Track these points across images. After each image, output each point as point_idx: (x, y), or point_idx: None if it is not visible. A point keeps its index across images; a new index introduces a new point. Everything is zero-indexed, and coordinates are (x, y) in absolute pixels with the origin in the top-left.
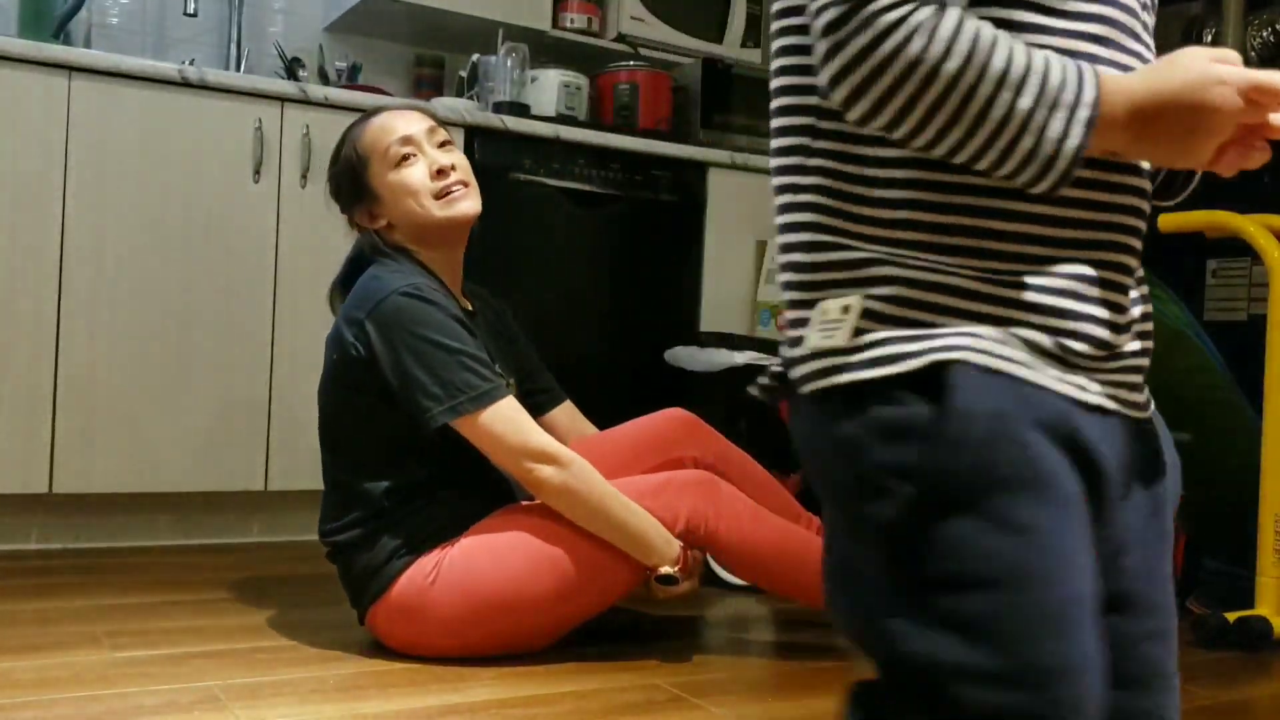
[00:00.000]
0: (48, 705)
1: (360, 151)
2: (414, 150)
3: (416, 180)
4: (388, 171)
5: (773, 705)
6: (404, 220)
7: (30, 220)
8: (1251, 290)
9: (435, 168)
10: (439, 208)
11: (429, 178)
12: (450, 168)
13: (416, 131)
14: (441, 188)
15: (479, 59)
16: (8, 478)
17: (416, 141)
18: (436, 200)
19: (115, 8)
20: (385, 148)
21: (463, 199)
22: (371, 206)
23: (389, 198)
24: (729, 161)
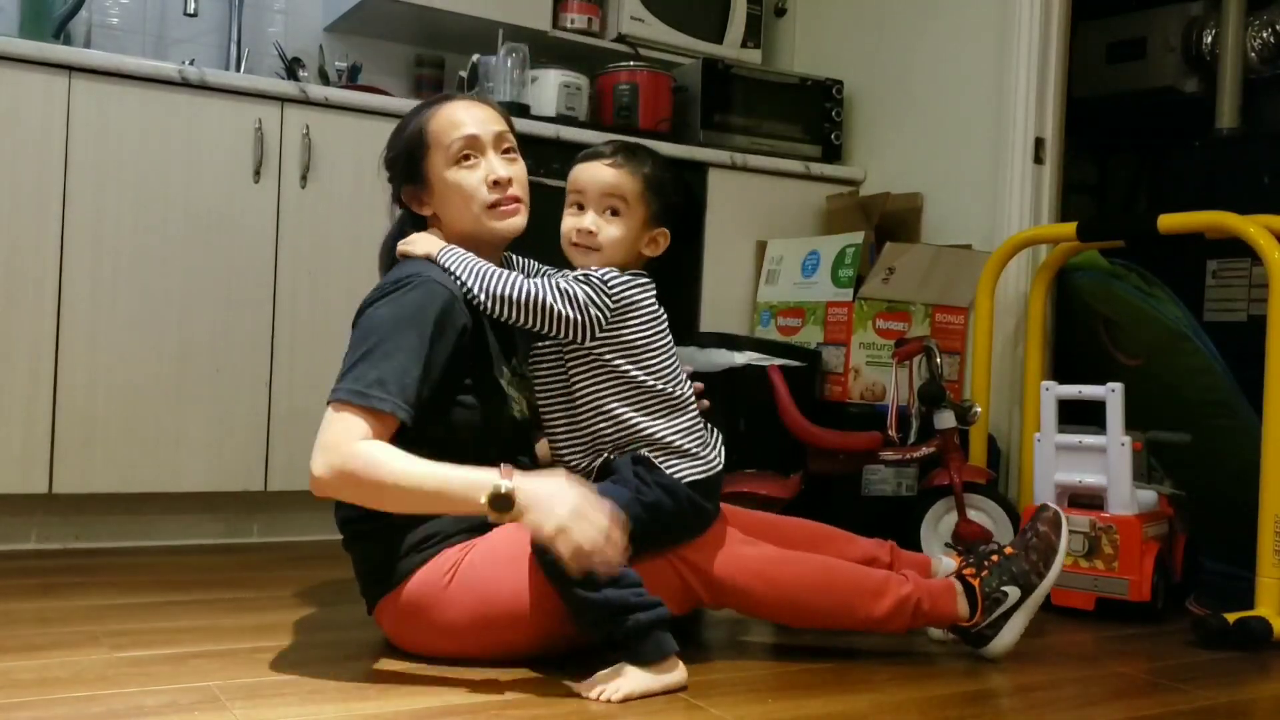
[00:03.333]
0: (47, 705)
1: (425, 135)
2: (476, 152)
3: (471, 185)
4: (446, 166)
5: (773, 706)
6: (449, 218)
7: (30, 220)
8: (1251, 291)
9: (493, 177)
10: (487, 218)
11: (485, 185)
12: (508, 180)
13: (485, 133)
14: (495, 199)
15: (479, 59)
16: (8, 478)
17: (482, 143)
18: (487, 210)
19: (115, 8)
20: (449, 141)
21: (513, 215)
22: (421, 193)
23: (440, 191)
24: (729, 162)
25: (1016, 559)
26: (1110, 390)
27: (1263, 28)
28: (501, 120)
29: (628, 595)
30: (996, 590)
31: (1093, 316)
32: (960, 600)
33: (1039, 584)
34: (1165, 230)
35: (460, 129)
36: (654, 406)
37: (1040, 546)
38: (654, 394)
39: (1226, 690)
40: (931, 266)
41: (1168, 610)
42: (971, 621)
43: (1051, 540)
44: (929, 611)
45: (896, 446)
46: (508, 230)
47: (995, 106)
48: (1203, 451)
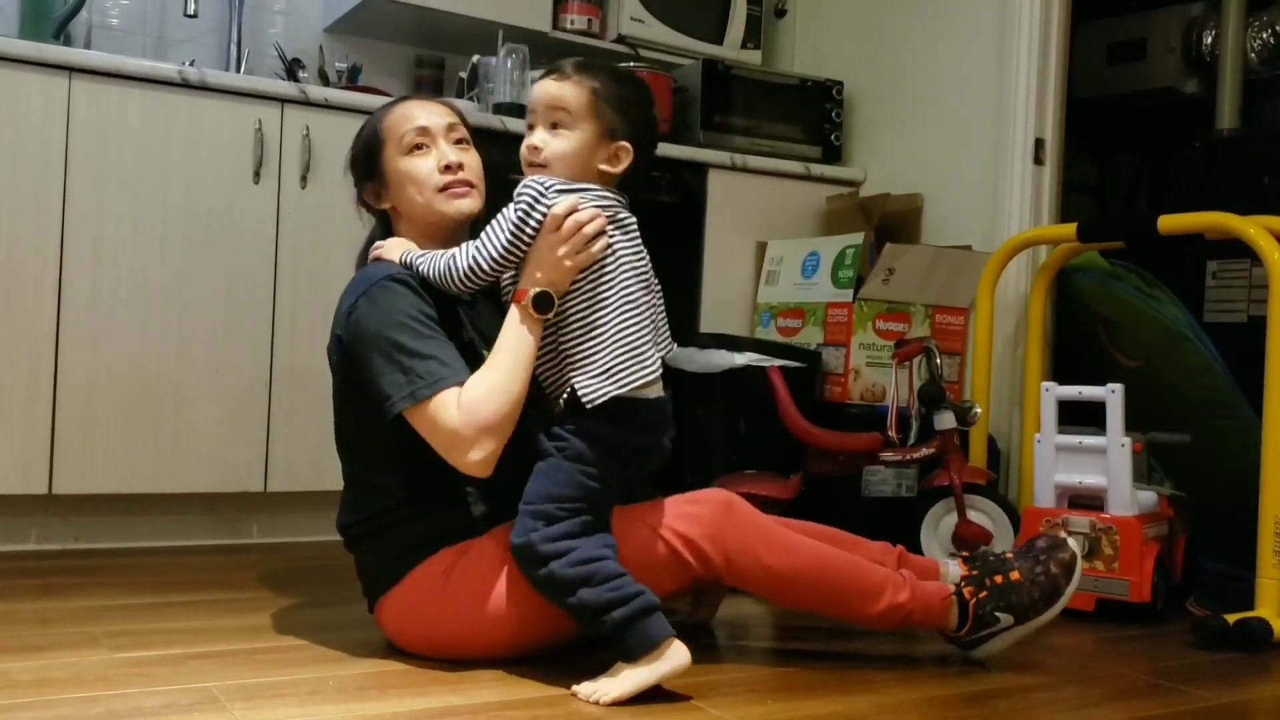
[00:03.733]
0: (47, 706)
1: (380, 132)
2: (428, 141)
3: (423, 171)
4: (399, 156)
5: (772, 707)
6: (405, 207)
7: (30, 221)
8: (1251, 292)
9: (443, 163)
10: (439, 201)
11: (436, 171)
12: (458, 165)
13: (435, 124)
14: (445, 182)
15: (479, 60)
16: (7, 478)
17: (432, 134)
18: (438, 193)
19: (116, 8)
20: (402, 133)
21: (463, 197)
22: (379, 187)
23: (395, 182)
24: (729, 163)
25: (1019, 589)
26: (1110, 391)
27: (1263, 28)
28: (453, 114)
29: (601, 594)
30: (990, 615)
31: (1093, 317)
32: (952, 613)
33: (1034, 620)
34: (1165, 231)
35: (411, 121)
36: (574, 327)
37: (1046, 585)
38: (576, 313)
39: (1227, 691)
40: (931, 267)
41: (1168, 611)
42: (958, 634)
43: (1059, 584)
44: (919, 622)
45: (896, 447)
46: (458, 212)
47: (995, 107)
48: (1203, 452)
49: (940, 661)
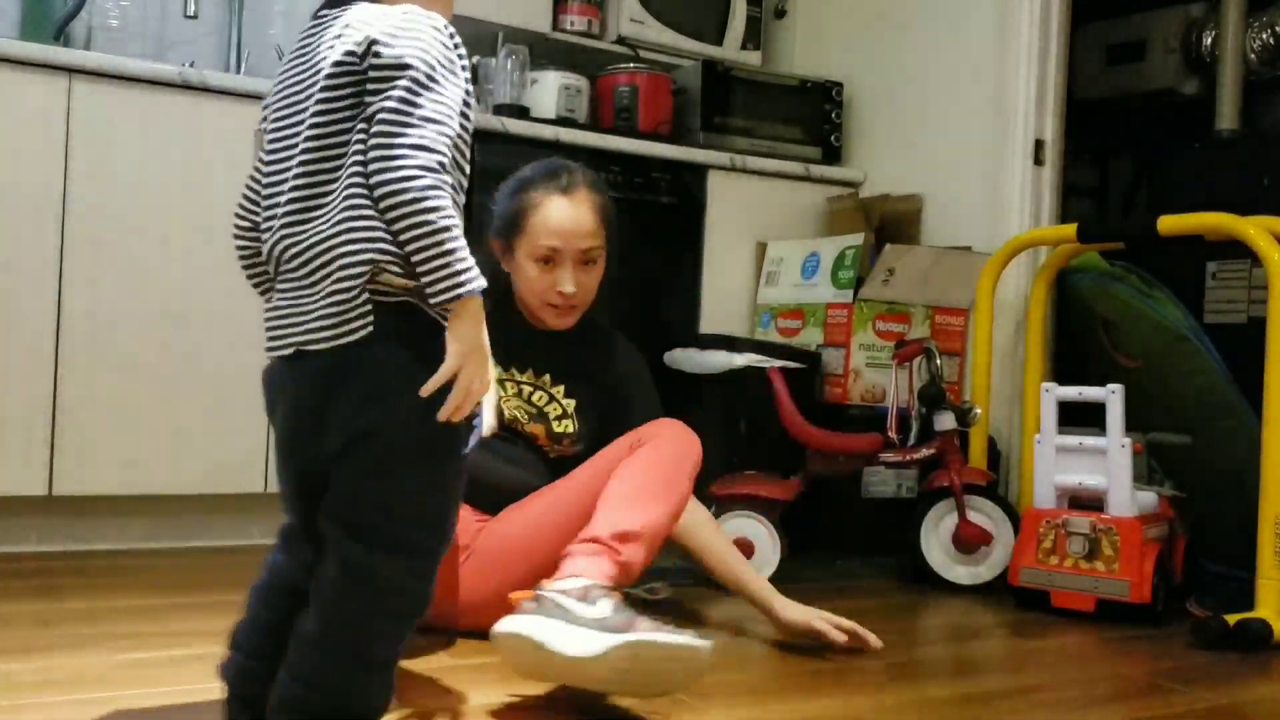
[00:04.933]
0: (47, 708)
1: (524, 223)
2: (557, 261)
3: (541, 285)
4: (529, 257)
5: (771, 708)
6: (517, 286)
7: (30, 222)
8: (1251, 293)
9: (559, 289)
10: (543, 312)
11: (552, 289)
12: (571, 295)
13: (569, 249)
14: (555, 304)
15: (479, 61)
16: (7, 480)
17: (563, 256)
18: (545, 306)
19: (116, 10)
20: (539, 242)
21: (564, 316)
22: (506, 255)
23: (518, 267)
24: (729, 164)
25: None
26: (1110, 392)
27: (1262, 29)
28: (593, 229)
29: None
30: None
31: (1093, 318)
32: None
33: (622, 632)
34: (1165, 232)
35: (550, 239)
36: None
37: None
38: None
39: (1227, 692)
40: (931, 268)
41: (1168, 612)
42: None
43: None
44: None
45: (896, 448)
46: (557, 326)
47: (995, 108)
48: (1203, 453)
49: (940, 662)
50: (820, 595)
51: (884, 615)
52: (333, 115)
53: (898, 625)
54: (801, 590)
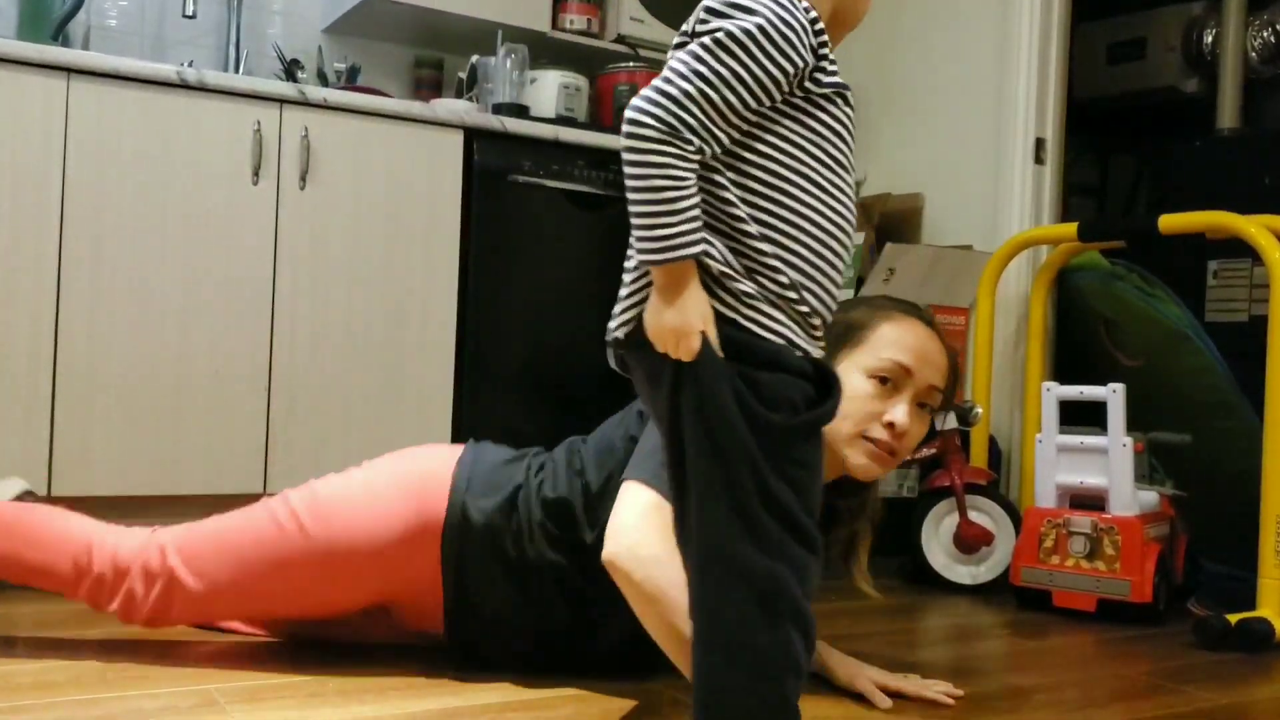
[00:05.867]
0: (46, 709)
1: (864, 330)
2: (898, 385)
3: (864, 408)
4: (862, 371)
5: None
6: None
7: (30, 221)
8: (1253, 291)
9: (890, 419)
10: (853, 447)
11: (875, 416)
12: (903, 433)
13: (920, 376)
14: (875, 437)
15: (478, 60)
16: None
17: (910, 385)
18: (860, 439)
19: (114, 9)
20: (883, 355)
21: (879, 464)
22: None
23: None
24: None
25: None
26: (1111, 391)
27: (1263, 27)
28: (946, 371)
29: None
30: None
31: (1093, 317)
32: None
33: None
34: (1166, 230)
35: (901, 354)
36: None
37: None
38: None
39: (1228, 692)
40: (932, 267)
41: (1169, 611)
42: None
43: None
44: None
45: None
46: (862, 472)
47: (996, 107)
48: (1204, 452)
49: (941, 662)
50: (820, 595)
51: (885, 615)
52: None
53: (898, 625)
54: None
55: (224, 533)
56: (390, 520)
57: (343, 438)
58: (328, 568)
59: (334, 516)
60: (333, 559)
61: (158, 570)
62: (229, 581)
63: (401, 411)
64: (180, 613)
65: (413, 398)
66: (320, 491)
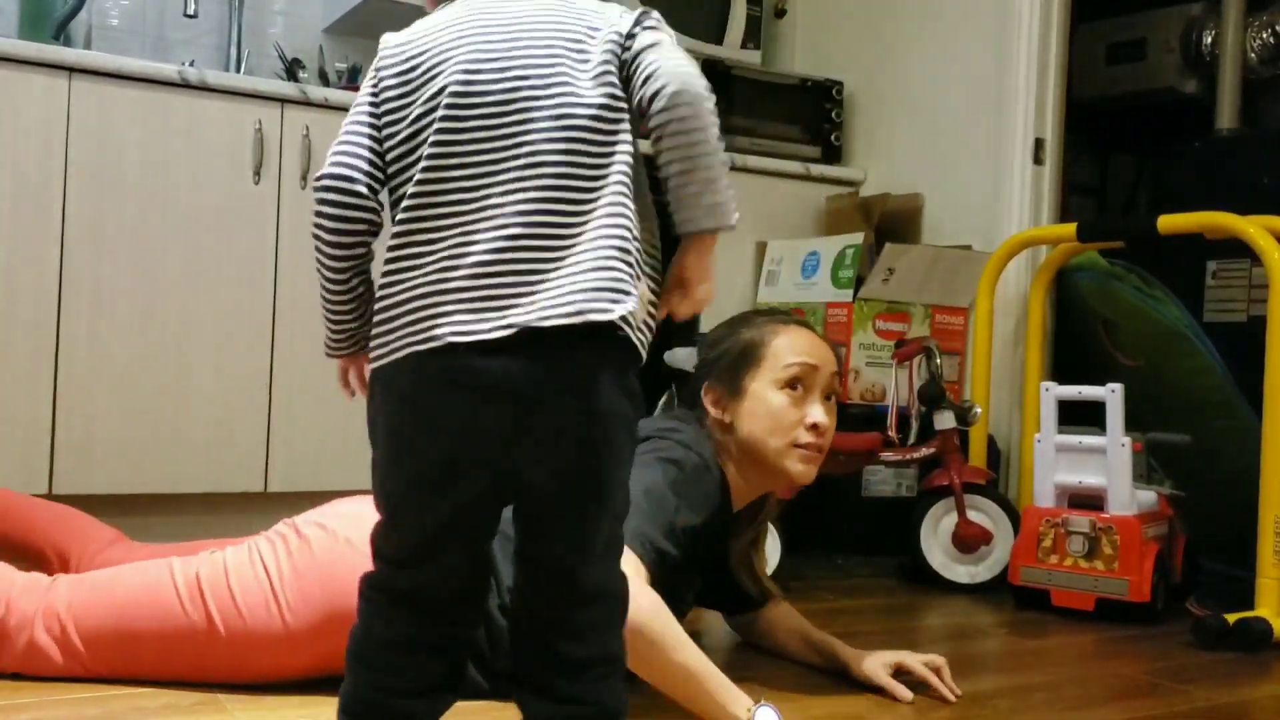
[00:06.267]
0: (47, 707)
1: (762, 349)
2: (806, 388)
3: (788, 417)
4: (772, 386)
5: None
6: (747, 432)
7: (30, 221)
8: (1251, 292)
9: (812, 420)
10: (786, 455)
11: (800, 423)
12: (825, 429)
13: (824, 374)
14: (804, 441)
15: None
16: (8, 479)
17: (814, 382)
18: (790, 447)
19: (115, 9)
20: (787, 362)
21: (811, 464)
22: (727, 399)
23: (750, 407)
24: (729, 163)
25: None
26: (1110, 391)
27: (1262, 28)
28: (836, 364)
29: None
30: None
31: (1092, 317)
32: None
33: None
34: (1165, 231)
35: (802, 356)
36: None
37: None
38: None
39: (1227, 691)
40: (931, 267)
41: (1167, 611)
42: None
43: None
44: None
45: (896, 447)
46: (803, 479)
47: (995, 107)
48: (1203, 452)
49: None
50: (820, 594)
51: (884, 614)
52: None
53: (897, 625)
54: (801, 590)
55: (125, 611)
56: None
57: (343, 438)
58: (239, 660)
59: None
60: (244, 655)
61: (54, 639)
62: (127, 662)
63: None
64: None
65: None
66: (233, 584)
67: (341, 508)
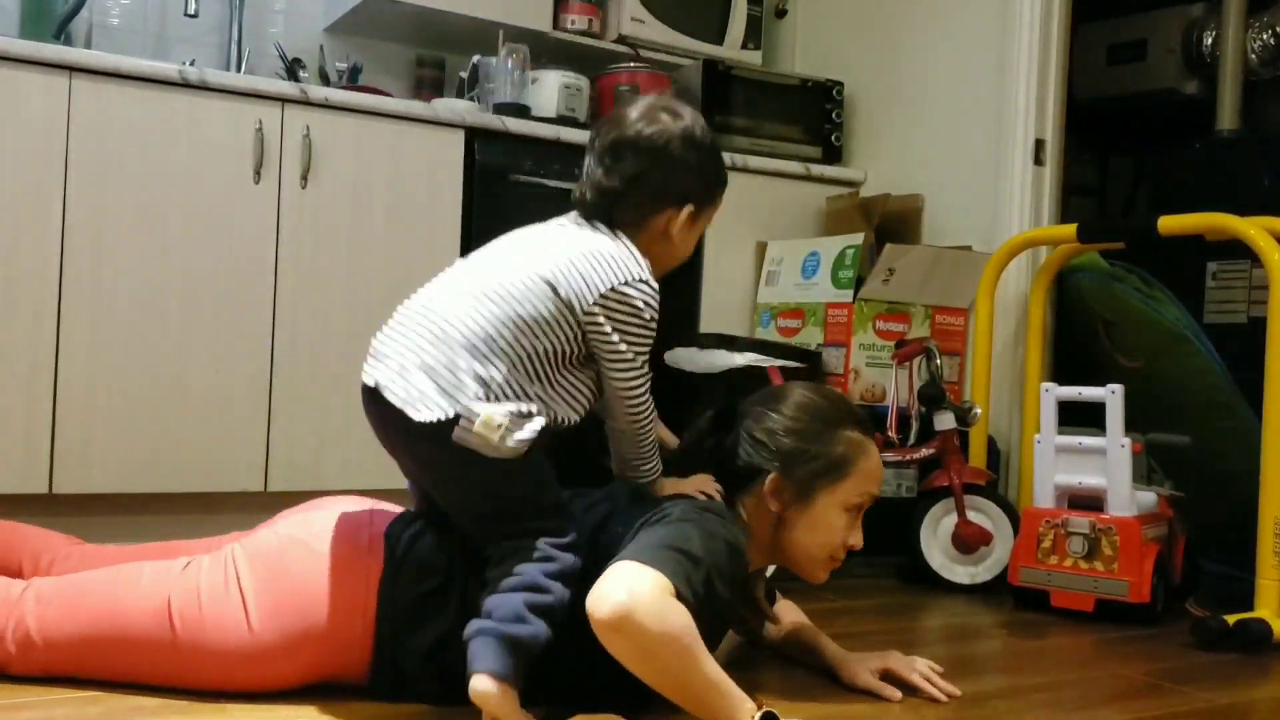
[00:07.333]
0: (47, 706)
1: (850, 469)
2: (862, 511)
3: (839, 538)
4: (839, 507)
5: (771, 709)
6: (794, 537)
7: (30, 220)
8: (1251, 293)
9: (851, 544)
10: (817, 567)
11: (844, 544)
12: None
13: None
14: (839, 557)
15: (479, 60)
16: (8, 478)
17: (864, 509)
18: (826, 561)
19: (116, 8)
20: (864, 491)
21: (829, 572)
22: (793, 502)
23: (812, 519)
24: (729, 163)
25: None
26: (1110, 392)
27: (1263, 29)
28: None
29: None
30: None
31: (1093, 318)
32: None
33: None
34: (1165, 232)
35: (877, 487)
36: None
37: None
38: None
39: (1227, 692)
40: (931, 268)
41: (1167, 612)
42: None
43: None
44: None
45: (896, 448)
46: (817, 581)
47: (995, 108)
48: (1202, 453)
49: (939, 662)
50: (820, 594)
51: (883, 615)
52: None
53: (897, 625)
54: (801, 590)
55: (93, 619)
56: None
57: (343, 438)
58: (208, 669)
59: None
60: (210, 663)
61: (19, 646)
62: (96, 668)
63: None
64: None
65: None
66: (202, 592)
67: (317, 513)
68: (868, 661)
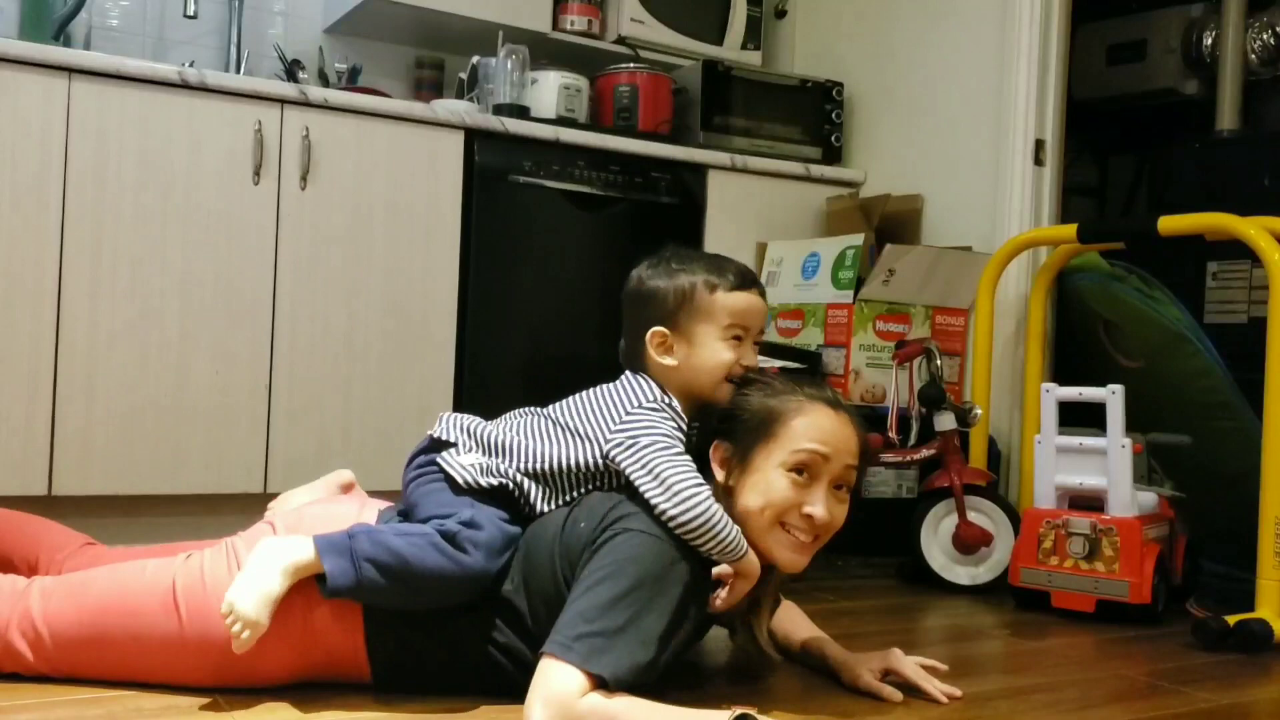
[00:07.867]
0: (48, 708)
1: (777, 424)
2: (815, 475)
3: (787, 502)
4: (780, 467)
5: (769, 709)
6: (739, 507)
7: (30, 221)
8: (1252, 293)
9: (808, 511)
10: (772, 534)
11: (798, 508)
12: (821, 523)
13: (837, 463)
14: (795, 525)
15: (479, 61)
16: (7, 479)
17: (825, 471)
18: (776, 527)
19: (115, 9)
20: (797, 447)
21: (799, 553)
22: (734, 466)
23: (752, 481)
24: (729, 164)
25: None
26: (1110, 392)
27: (1263, 29)
28: (857, 451)
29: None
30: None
31: (1093, 318)
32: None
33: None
34: (1165, 232)
35: (814, 443)
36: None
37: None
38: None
39: (1227, 692)
40: (932, 268)
41: (1168, 612)
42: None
43: None
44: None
45: (897, 448)
46: (789, 568)
47: (995, 108)
48: (1203, 454)
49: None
50: (820, 595)
51: (884, 616)
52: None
53: (898, 626)
54: (802, 590)
55: (99, 614)
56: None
57: (343, 438)
58: (210, 662)
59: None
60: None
61: (28, 641)
62: (100, 664)
63: (401, 411)
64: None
65: (413, 398)
66: (208, 586)
67: (310, 508)
68: (869, 662)
